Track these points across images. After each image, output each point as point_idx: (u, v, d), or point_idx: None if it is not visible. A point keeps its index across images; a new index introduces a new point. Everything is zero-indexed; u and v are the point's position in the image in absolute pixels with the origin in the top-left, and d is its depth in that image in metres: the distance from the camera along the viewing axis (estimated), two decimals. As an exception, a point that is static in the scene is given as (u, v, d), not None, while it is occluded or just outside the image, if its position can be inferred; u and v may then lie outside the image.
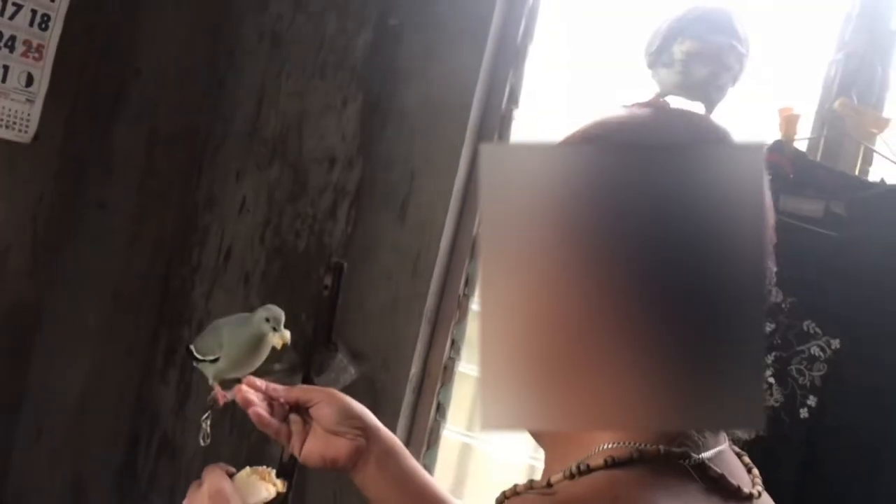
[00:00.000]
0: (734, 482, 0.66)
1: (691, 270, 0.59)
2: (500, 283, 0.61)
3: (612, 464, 0.63)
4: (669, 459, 0.64)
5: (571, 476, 0.64)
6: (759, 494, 0.70)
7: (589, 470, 0.63)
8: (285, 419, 1.01)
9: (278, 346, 1.07)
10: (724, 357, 0.59)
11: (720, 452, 0.68)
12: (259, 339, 1.38)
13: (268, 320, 1.33)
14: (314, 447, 0.99)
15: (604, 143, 0.69)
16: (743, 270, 0.59)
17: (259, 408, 1.00)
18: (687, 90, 1.22)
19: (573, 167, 0.61)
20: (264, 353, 1.42)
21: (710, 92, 1.22)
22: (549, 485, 0.65)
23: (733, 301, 0.59)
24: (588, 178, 0.60)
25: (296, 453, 1.00)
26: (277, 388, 1.03)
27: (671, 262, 0.59)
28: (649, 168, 0.60)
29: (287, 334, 1.17)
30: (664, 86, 1.23)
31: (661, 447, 0.64)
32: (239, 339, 1.37)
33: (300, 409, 1.02)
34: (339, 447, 0.98)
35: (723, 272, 0.59)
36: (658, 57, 1.21)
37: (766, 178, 0.62)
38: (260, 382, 1.04)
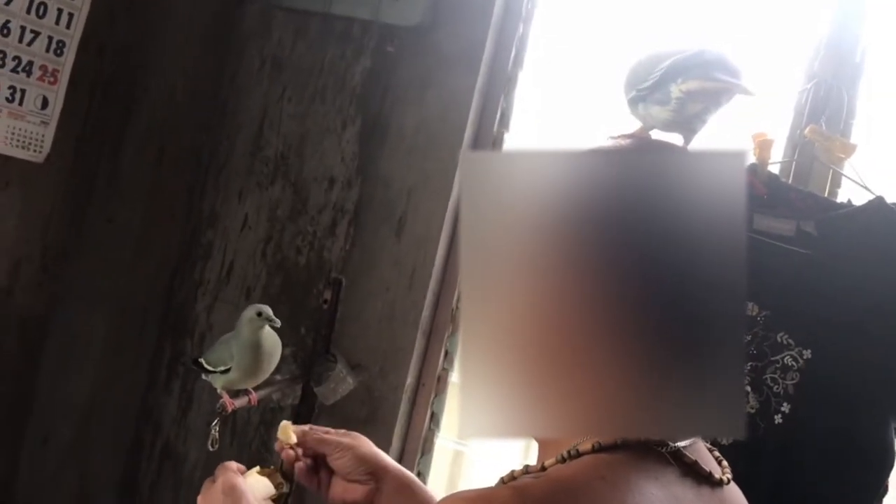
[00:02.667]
0: (706, 468, 0.73)
1: (672, 277, 0.59)
2: (479, 290, 0.61)
3: (599, 448, 0.69)
4: (649, 446, 0.70)
5: (563, 460, 0.70)
6: (728, 481, 0.76)
7: (579, 454, 0.69)
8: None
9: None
10: (704, 365, 0.59)
11: (693, 443, 0.75)
12: (257, 339, 1.44)
13: (260, 315, 1.40)
14: (336, 491, 1.06)
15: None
16: (723, 276, 0.58)
17: (303, 462, 1.07)
18: (675, 125, 1.25)
19: (553, 174, 0.60)
20: (272, 363, 1.50)
21: (695, 125, 1.26)
22: (543, 468, 0.71)
23: (714, 308, 0.59)
24: (567, 185, 0.60)
25: (324, 497, 1.07)
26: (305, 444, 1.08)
27: (652, 268, 0.59)
28: (630, 174, 0.60)
29: (277, 322, 1.20)
30: (653, 121, 1.23)
31: None
32: (251, 350, 1.45)
33: (318, 457, 1.08)
34: (356, 491, 1.05)
35: (704, 279, 0.58)
36: (651, 94, 1.21)
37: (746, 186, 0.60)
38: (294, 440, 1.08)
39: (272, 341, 1.45)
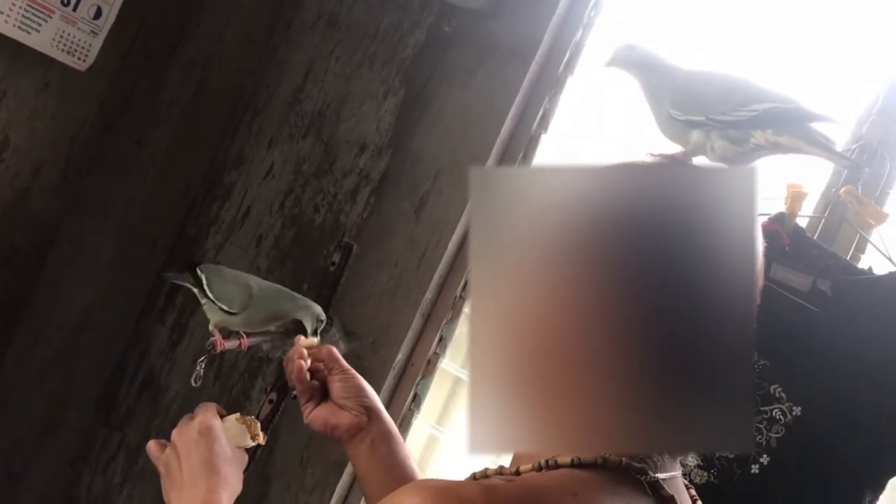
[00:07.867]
0: None
1: (681, 291, 0.59)
2: (488, 305, 0.61)
3: (578, 464, 0.68)
4: (628, 472, 0.69)
5: (539, 468, 0.70)
6: (700, 521, 0.78)
7: (556, 465, 0.69)
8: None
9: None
10: (712, 378, 0.59)
11: (673, 478, 0.73)
12: (285, 317, 1.44)
13: (321, 321, 1.39)
14: (321, 413, 1.06)
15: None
16: (734, 289, 0.58)
17: (304, 364, 1.08)
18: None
19: (561, 190, 0.60)
20: (273, 325, 1.50)
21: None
22: (517, 472, 0.71)
23: (723, 323, 0.59)
24: (575, 201, 0.59)
25: (305, 414, 1.07)
26: (313, 351, 1.10)
27: (660, 282, 0.59)
28: (639, 189, 0.59)
29: (316, 340, 1.22)
30: (709, 151, 1.14)
31: (624, 459, 0.69)
32: (269, 310, 1.44)
33: (317, 373, 1.09)
34: (342, 419, 1.05)
35: (714, 294, 0.58)
36: (725, 128, 1.13)
37: (759, 206, 0.60)
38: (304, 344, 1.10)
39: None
